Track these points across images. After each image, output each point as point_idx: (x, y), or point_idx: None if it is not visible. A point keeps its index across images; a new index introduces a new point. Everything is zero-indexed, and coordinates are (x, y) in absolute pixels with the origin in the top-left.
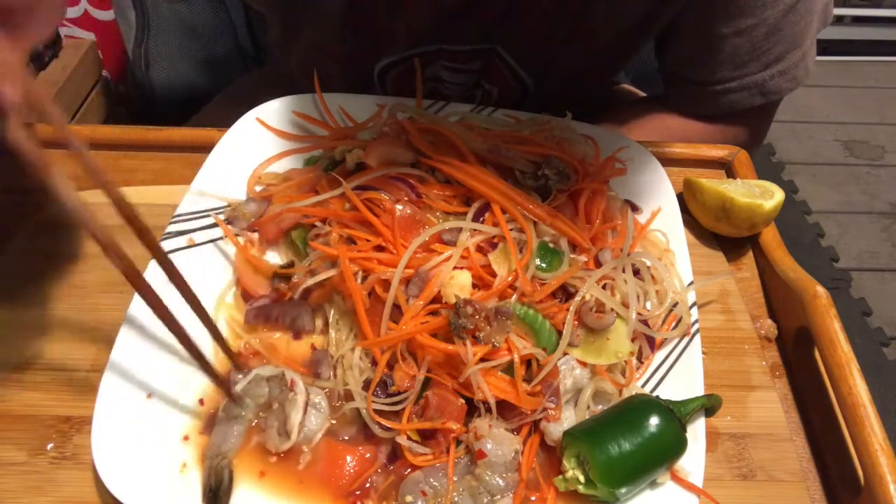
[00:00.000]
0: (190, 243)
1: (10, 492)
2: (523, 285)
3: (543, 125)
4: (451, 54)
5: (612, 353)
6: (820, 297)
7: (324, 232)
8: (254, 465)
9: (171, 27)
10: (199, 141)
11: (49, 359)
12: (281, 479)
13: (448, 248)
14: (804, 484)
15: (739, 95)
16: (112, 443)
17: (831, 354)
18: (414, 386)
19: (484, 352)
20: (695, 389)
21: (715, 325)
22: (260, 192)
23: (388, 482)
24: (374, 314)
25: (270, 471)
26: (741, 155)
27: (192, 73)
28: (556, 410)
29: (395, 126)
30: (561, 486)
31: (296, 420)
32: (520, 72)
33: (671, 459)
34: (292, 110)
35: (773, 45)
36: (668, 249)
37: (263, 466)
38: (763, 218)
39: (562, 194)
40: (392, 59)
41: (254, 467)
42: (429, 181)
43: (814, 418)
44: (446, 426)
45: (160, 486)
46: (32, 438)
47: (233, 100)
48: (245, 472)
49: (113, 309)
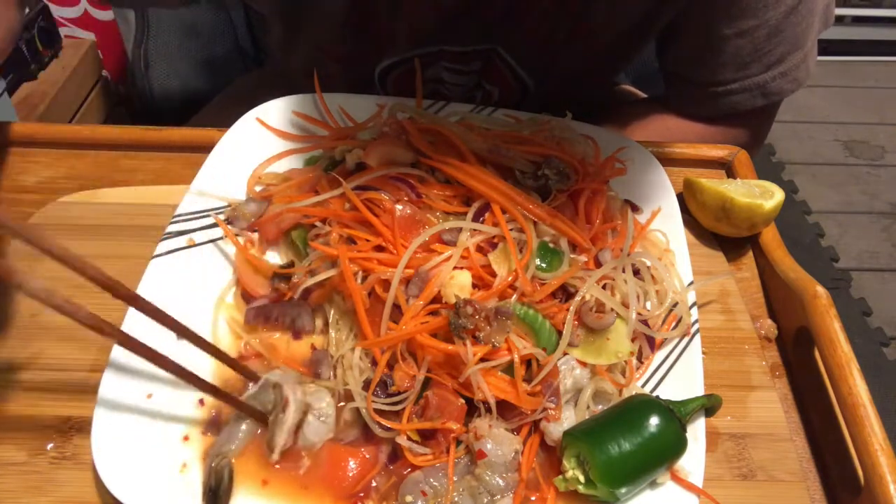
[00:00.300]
0: (190, 243)
1: (10, 492)
2: (523, 285)
3: (543, 125)
4: (452, 55)
5: (612, 353)
6: (820, 297)
7: (324, 232)
8: (258, 473)
9: (170, 27)
10: (199, 141)
11: (49, 359)
12: (284, 485)
13: (448, 248)
14: (804, 484)
15: (741, 97)
16: (112, 443)
17: (831, 354)
18: (414, 386)
19: (484, 352)
20: (695, 389)
21: (715, 325)
22: (260, 192)
23: (389, 483)
24: (374, 314)
25: (273, 478)
26: (741, 155)
27: (192, 74)
28: (556, 410)
29: (395, 126)
30: (561, 486)
31: (279, 441)
32: (520, 72)
33: (671, 459)
34: (292, 110)
35: (774, 47)
36: (668, 249)
37: (266, 474)
38: (763, 218)
39: (562, 194)
40: (393, 61)
41: (258, 475)
42: (429, 181)
43: (814, 418)
44: (446, 426)
45: (160, 486)
46: (32, 438)
47: (233, 100)
48: (248, 479)
49: (113, 309)
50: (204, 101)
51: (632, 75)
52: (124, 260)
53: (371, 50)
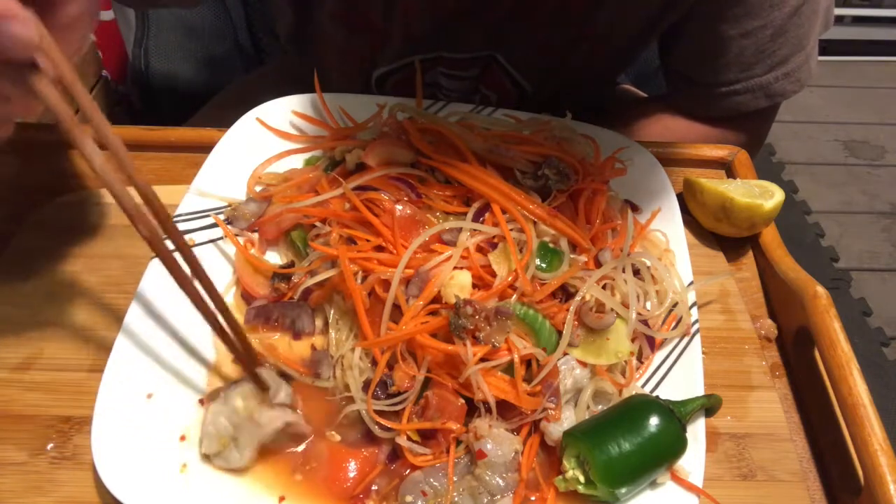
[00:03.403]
0: (190, 243)
1: (10, 492)
2: (523, 285)
3: (543, 125)
4: (450, 61)
5: (612, 353)
6: (820, 297)
7: (324, 232)
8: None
9: (170, 27)
10: (199, 141)
11: (49, 359)
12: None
13: (448, 248)
14: (804, 484)
15: (744, 97)
16: (112, 443)
17: (831, 354)
18: (414, 386)
19: (484, 352)
20: (695, 389)
21: (715, 325)
22: (260, 193)
23: (390, 486)
24: (374, 314)
25: (290, 494)
26: (741, 155)
27: (192, 73)
28: (556, 410)
29: (395, 126)
30: (561, 486)
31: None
32: (518, 78)
33: (671, 459)
34: (292, 110)
35: (778, 47)
36: (668, 249)
37: (285, 490)
38: (763, 218)
39: (562, 194)
40: (391, 67)
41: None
42: (429, 181)
43: (814, 418)
44: (446, 426)
45: (160, 486)
46: (32, 438)
47: (233, 100)
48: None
49: (113, 309)
50: (204, 101)
51: (632, 75)
52: (124, 260)
53: (366, 51)
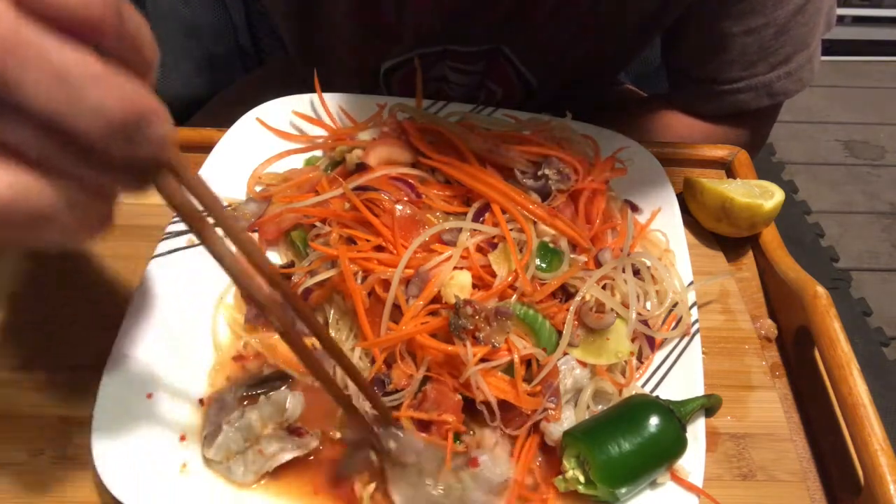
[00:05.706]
0: (190, 243)
1: (10, 492)
2: (523, 285)
3: (543, 125)
4: (457, 55)
5: (612, 353)
6: (820, 297)
7: (324, 232)
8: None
9: (170, 27)
10: (199, 141)
11: (49, 359)
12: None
13: (448, 249)
14: (804, 484)
15: (747, 96)
16: (112, 443)
17: (831, 354)
18: (411, 384)
19: (484, 352)
20: (695, 389)
21: (715, 325)
22: (260, 192)
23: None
24: (374, 314)
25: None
26: (741, 155)
27: (192, 73)
28: (556, 410)
29: (395, 126)
30: (561, 486)
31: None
32: (524, 72)
33: (671, 459)
34: (292, 110)
35: (781, 46)
36: (668, 249)
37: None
38: (763, 218)
39: (562, 194)
40: (398, 60)
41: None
42: (429, 181)
43: (814, 418)
44: (442, 418)
45: (160, 486)
46: (32, 438)
47: (233, 100)
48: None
49: (113, 309)
50: (204, 101)
51: (632, 74)
52: (124, 260)
53: (377, 47)
